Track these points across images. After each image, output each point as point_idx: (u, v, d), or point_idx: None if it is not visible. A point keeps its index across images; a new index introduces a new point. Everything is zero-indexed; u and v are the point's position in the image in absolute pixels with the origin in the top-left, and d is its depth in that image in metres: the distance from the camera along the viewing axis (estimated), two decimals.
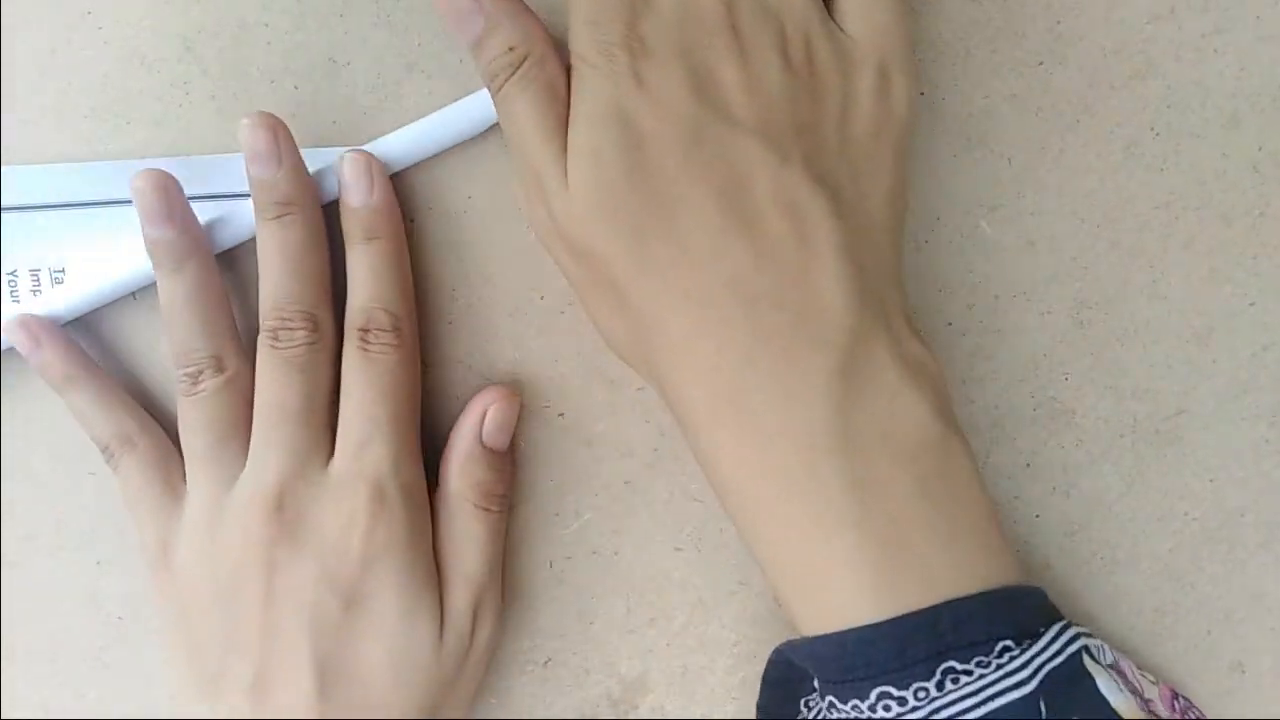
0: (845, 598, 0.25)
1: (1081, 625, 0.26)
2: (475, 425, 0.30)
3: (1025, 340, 0.31)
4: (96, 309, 0.31)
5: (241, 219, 0.30)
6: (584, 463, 0.31)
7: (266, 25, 0.30)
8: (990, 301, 0.31)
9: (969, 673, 0.24)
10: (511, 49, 0.27)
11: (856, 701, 0.24)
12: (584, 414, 0.31)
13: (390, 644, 0.28)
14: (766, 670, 0.29)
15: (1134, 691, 0.26)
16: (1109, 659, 0.26)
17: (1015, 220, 0.31)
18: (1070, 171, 0.31)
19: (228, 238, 0.30)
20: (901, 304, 0.27)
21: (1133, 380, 0.31)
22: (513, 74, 0.27)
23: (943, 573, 0.25)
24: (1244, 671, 0.32)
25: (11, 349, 0.30)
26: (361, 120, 0.30)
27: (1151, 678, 0.28)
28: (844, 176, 0.26)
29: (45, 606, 0.32)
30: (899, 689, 0.24)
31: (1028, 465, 0.31)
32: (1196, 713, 0.29)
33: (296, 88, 0.30)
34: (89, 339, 0.31)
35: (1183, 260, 0.31)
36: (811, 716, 0.28)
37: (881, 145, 0.27)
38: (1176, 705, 0.29)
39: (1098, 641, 0.26)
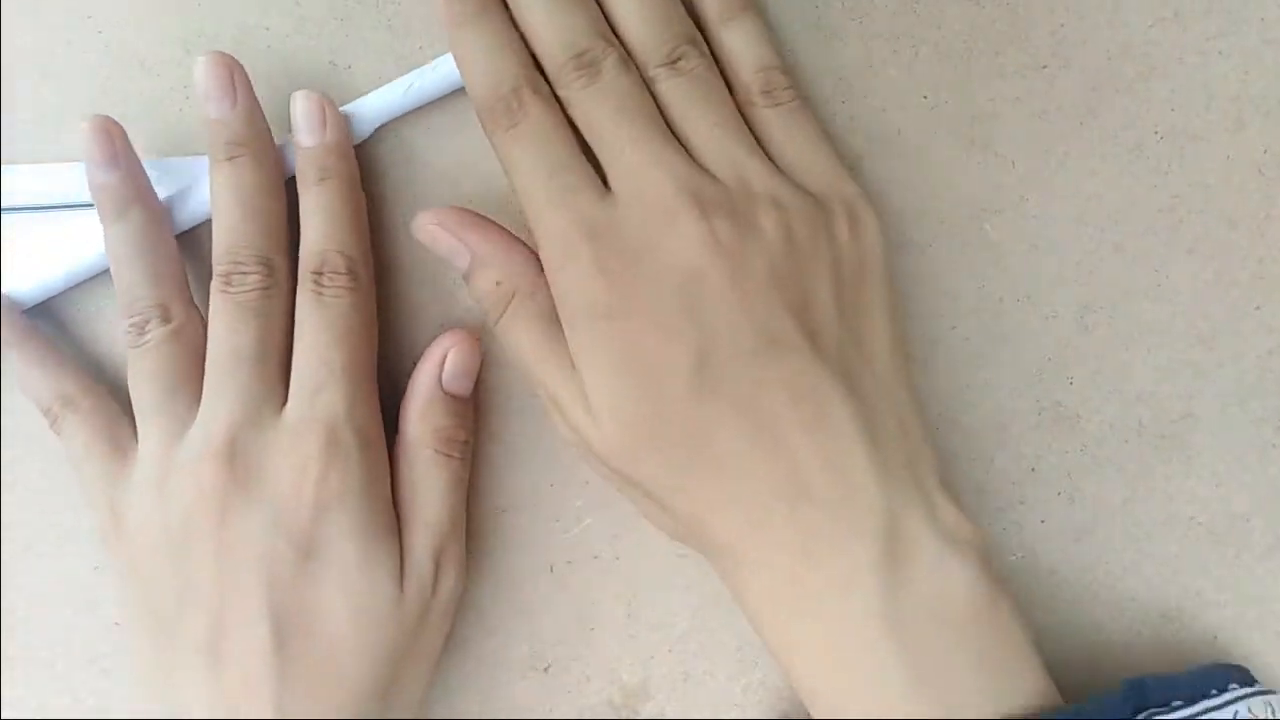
0: None
1: None
2: (435, 370, 0.29)
3: (1029, 344, 0.31)
4: (66, 291, 0.30)
5: (205, 193, 0.29)
6: (585, 466, 0.31)
7: (266, 29, 0.30)
8: (994, 305, 0.31)
9: None
10: (499, 284, 0.28)
11: None
12: None
13: (349, 593, 0.27)
14: None
15: None
16: None
17: (1019, 224, 0.31)
18: (1074, 175, 0.31)
19: (192, 214, 0.30)
20: (931, 462, 0.27)
21: (1138, 384, 0.31)
22: (505, 309, 0.28)
23: None
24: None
25: (12, 352, 0.30)
26: None
27: None
28: (849, 345, 0.26)
29: (44, 612, 0.31)
30: None
31: (1032, 470, 0.31)
32: None
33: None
34: (56, 323, 0.31)
35: (1187, 264, 0.31)
36: None
37: (872, 293, 0.27)
38: None
39: None
